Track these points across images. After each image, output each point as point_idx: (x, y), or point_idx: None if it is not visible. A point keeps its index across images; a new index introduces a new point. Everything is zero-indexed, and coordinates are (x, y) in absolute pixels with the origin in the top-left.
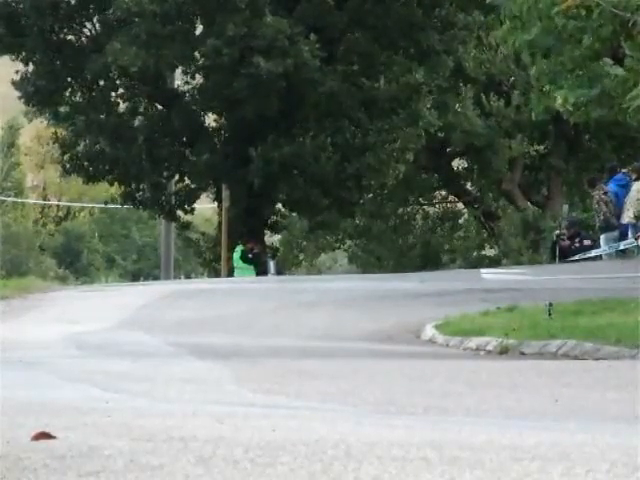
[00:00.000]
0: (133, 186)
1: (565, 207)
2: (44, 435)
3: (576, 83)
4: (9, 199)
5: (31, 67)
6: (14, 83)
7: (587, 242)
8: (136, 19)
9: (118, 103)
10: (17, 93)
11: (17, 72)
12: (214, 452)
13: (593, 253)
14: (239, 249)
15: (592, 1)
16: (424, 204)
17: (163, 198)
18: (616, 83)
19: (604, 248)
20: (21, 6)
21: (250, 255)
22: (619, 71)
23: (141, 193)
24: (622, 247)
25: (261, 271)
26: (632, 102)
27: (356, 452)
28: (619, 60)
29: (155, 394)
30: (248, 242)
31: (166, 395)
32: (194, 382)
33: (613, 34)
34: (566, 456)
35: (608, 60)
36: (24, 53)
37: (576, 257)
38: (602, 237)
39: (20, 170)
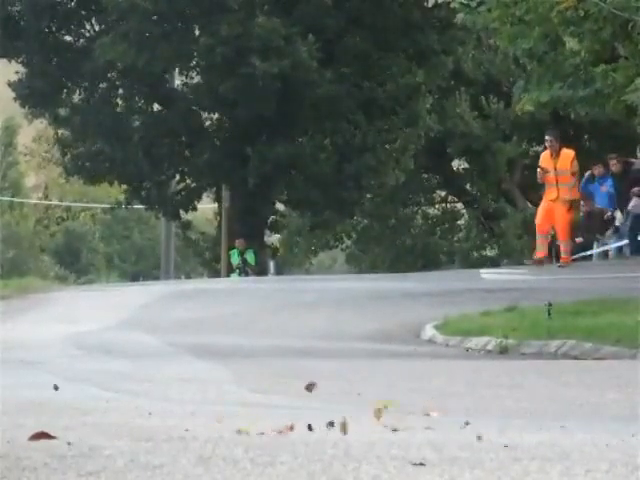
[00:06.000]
0: (135, 185)
1: None
2: (43, 435)
3: (567, 84)
4: (11, 199)
5: (27, 69)
6: (10, 84)
7: (579, 240)
8: (128, 17)
9: (117, 103)
10: (12, 93)
11: (17, 73)
12: (214, 452)
13: (588, 252)
14: (235, 252)
15: (591, 2)
16: (424, 205)
17: (166, 197)
18: (611, 82)
19: (597, 248)
20: (17, 8)
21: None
22: (617, 74)
23: (145, 192)
24: (613, 247)
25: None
26: (631, 94)
27: (356, 452)
28: (616, 60)
29: (155, 394)
30: (239, 244)
31: (166, 395)
32: (194, 382)
33: (612, 36)
34: (565, 456)
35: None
36: (24, 55)
37: (573, 257)
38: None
39: (17, 170)
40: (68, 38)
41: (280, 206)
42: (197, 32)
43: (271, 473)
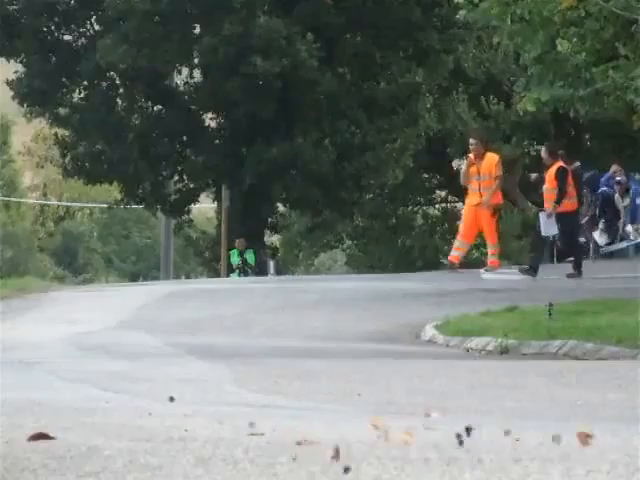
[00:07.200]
0: (133, 185)
1: None
2: (42, 436)
3: (568, 84)
4: (8, 199)
5: (26, 68)
6: (9, 83)
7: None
8: (127, 18)
9: (116, 103)
10: (11, 92)
11: (15, 72)
12: (214, 452)
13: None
14: (235, 252)
15: (591, 1)
16: (424, 205)
17: (163, 197)
18: (610, 82)
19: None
20: (15, 7)
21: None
22: (617, 74)
23: (142, 191)
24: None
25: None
26: (632, 92)
27: (356, 452)
28: (616, 59)
29: (155, 394)
30: (239, 244)
31: (166, 395)
32: (194, 382)
33: (614, 36)
34: (566, 456)
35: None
36: (22, 55)
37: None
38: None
39: (12, 167)
40: (67, 37)
41: (281, 207)
42: (198, 31)
43: (271, 474)
